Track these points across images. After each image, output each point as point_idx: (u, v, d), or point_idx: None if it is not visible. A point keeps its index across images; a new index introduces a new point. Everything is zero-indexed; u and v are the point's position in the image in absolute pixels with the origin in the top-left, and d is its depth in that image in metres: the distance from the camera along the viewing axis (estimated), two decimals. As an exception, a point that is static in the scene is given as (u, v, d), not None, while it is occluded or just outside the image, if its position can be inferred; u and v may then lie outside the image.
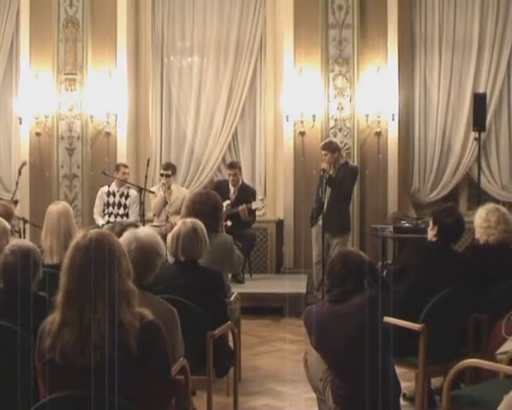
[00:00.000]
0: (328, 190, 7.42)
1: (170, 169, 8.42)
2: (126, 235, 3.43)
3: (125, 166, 8.50)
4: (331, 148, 7.53)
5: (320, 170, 7.44)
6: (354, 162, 8.29)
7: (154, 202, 8.48)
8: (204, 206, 4.98)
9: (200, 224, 4.35)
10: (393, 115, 8.64)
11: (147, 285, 3.31)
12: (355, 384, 3.63)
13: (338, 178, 7.46)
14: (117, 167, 8.49)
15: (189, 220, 4.36)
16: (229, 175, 8.41)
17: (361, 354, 3.53)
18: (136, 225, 4.66)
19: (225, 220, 7.38)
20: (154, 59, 9.46)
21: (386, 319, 3.95)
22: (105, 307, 2.45)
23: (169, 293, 3.86)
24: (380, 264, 7.95)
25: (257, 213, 8.40)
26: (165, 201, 8.37)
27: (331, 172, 7.46)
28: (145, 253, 3.35)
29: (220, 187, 8.15)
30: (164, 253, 3.56)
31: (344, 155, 7.94)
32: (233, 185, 8.40)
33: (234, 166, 8.45)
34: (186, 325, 3.51)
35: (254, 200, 8.31)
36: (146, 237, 3.42)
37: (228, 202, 8.20)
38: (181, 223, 4.37)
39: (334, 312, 3.72)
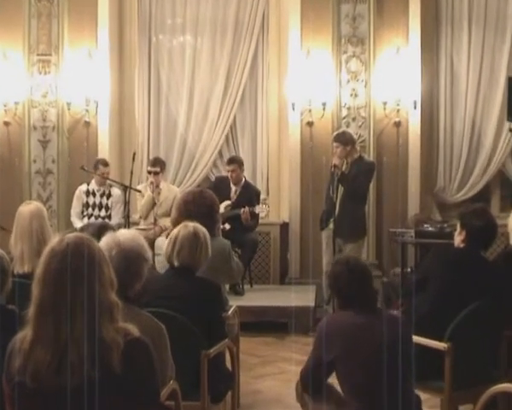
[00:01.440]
0: (341, 188, 7.42)
1: (158, 165, 8.40)
2: (105, 239, 3.42)
3: (105, 165, 8.41)
4: (343, 139, 7.53)
5: (331, 166, 7.45)
6: (370, 157, 8.30)
7: (140, 202, 8.48)
8: (198, 206, 4.97)
9: (203, 229, 4.36)
10: (415, 103, 8.66)
11: (132, 297, 3.31)
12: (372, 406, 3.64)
13: (351, 176, 7.46)
14: (95, 165, 8.44)
15: (192, 224, 4.37)
16: (228, 172, 8.40)
17: (380, 373, 3.53)
18: (109, 226, 4.64)
19: (223, 223, 7.38)
20: (140, 38, 9.47)
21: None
22: (84, 321, 2.45)
23: (157, 306, 3.87)
24: (399, 273, 7.95)
25: (260, 216, 8.38)
26: (153, 201, 8.37)
27: (343, 168, 7.46)
28: (128, 258, 3.33)
29: (221, 184, 8.16)
30: (150, 257, 3.55)
31: (358, 148, 7.95)
32: (234, 184, 8.40)
33: (232, 162, 8.44)
34: (177, 342, 3.51)
35: (259, 203, 8.31)
36: (128, 240, 3.40)
37: (228, 202, 8.20)
38: (181, 226, 4.38)
39: (358, 323, 3.72)
